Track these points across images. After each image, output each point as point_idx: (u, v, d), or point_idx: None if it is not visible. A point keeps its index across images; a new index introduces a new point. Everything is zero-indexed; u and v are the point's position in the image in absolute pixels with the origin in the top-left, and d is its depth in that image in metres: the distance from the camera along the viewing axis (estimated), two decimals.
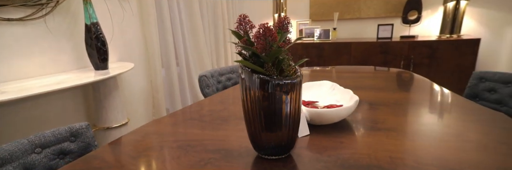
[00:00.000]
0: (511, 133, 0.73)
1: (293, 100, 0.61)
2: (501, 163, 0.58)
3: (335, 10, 2.74)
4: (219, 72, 1.66)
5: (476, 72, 1.30)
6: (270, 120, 0.63)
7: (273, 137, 0.65)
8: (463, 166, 0.57)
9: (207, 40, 2.54)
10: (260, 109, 0.63)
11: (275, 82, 0.58)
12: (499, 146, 0.66)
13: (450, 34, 2.35)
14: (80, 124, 0.83)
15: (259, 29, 0.53)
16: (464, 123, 0.81)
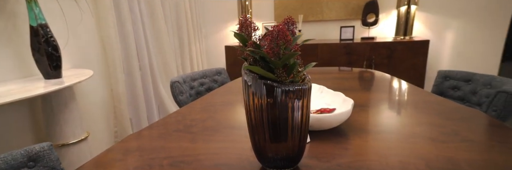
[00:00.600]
0: (501, 131, 0.78)
1: (303, 108, 0.57)
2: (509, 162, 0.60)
3: (299, 12, 2.78)
4: (191, 77, 1.56)
5: (441, 71, 1.40)
6: (279, 130, 0.58)
7: (281, 148, 0.60)
8: (475, 168, 0.58)
9: (171, 43, 2.41)
10: (267, 117, 0.58)
11: (286, 88, 0.53)
12: (498, 144, 0.69)
13: (404, 36, 2.52)
14: (41, 145, 0.69)
15: (272, 32, 0.48)
16: (453, 122, 0.84)
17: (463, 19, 2.58)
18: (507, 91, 1.04)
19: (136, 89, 1.99)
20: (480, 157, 0.62)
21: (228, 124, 0.90)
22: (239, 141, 0.76)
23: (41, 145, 0.69)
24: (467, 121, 0.84)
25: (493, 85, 1.21)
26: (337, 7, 2.70)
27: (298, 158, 0.62)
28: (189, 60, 2.68)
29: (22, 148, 0.66)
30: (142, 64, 2.07)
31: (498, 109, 1.05)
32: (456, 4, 2.54)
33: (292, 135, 0.59)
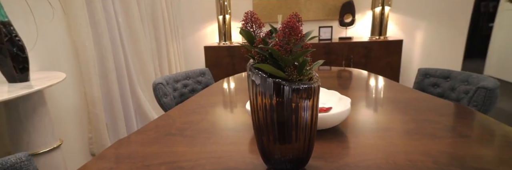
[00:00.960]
0: (492, 125, 0.81)
1: (312, 107, 0.55)
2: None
3: (277, 12, 2.79)
4: (174, 79, 1.50)
5: (421, 69, 1.45)
6: (287, 130, 0.56)
7: (289, 149, 0.58)
8: (481, 163, 0.59)
9: (148, 44, 2.31)
10: (275, 118, 0.55)
11: (295, 87, 0.51)
12: (494, 139, 0.71)
13: (379, 36, 2.60)
14: (17, 155, 0.62)
15: (284, 28, 0.46)
16: (446, 117, 0.86)
17: (431, 21, 2.72)
18: (486, 86, 1.10)
19: (112, 92, 1.88)
20: (482, 152, 0.63)
21: (224, 126, 0.86)
22: (240, 143, 0.73)
23: (17, 155, 0.61)
24: (458, 116, 0.87)
25: (470, 81, 1.27)
26: (315, 7, 2.73)
27: (306, 160, 0.60)
28: (167, 62, 2.58)
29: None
30: (118, 66, 1.96)
31: (478, 104, 1.11)
32: (424, 7, 2.67)
33: (301, 135, 0.57)
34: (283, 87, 0.51)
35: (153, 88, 1.33)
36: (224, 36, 2.73)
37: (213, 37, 2.99)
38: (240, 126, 0.85)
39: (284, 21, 0.47)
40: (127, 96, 2.03)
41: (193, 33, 2.99)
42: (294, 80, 0.51)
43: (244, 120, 0.89)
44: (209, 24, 2.93)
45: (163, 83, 1.36)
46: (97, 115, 1.77)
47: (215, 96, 1.24)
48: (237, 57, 2.63)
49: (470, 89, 1.25)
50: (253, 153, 0.68)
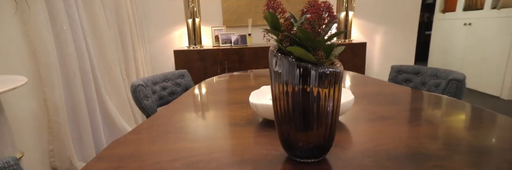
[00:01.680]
0: (473, 110, 0.88)
1: (335, 93, 0.55)
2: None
3: (247, 16, 2.81)
4: (152, 81, 1.42)
5: (395, 66, 1.55)
6: (311, 117, 0.56)
7: (313, 136, 0.57)
8: (481, 141, 0.64)
9: (114, 48, 2.17)
10: (300, 104, 0.55)
11: (323, 71, 0.51)
12: (481, 121, 0.77)
13: (344, 39, 2.75)
14: (4, 159, 0.53)
15: (317, 8, 0.46)
16: (432, 105, 0.92)
17: (388, 26, 2.95)
18: (457, 78, 1.20)
19: (76, 99, 1.72)
20: (480, 132, 0.69)
21: (224, 122, 0.83)
22: (247, 137, 0.71)
23: (4, 159, 0.53)
24: (442, 104, 0.94)
25: (439, 75, 1.39)
26: None
27: (328, 147, 0.60)
28: (134, 66, 2.45)
29: None
30: (83, 71, 1.80)
31: (451, 94, 1.21)
32: (381, 14, 2.90)
33: (324, 122, 0.57)
34: (311, 71, 0.51)
35: (132, 90, 1.25)
36: (194, 40, 2.67)
37: (182, 41, 2.91)
38: (240, 121, 0.82)
39: (314, 3, 0.47)
40: (93, 103, 1.87)
41: (159, 37, 2.88)
42: (321, 65, 0.51)
43: (243, 115, 0.87)
44: (177, 28, 2.85)
45: (144, 85, 1.28)
46: (59, 124, 1.61)
47: (203, 97, 1.19)
48: (208, 60, 2.59)
49: (440, 82, 1.36)
50: (269, 145, 0.66)
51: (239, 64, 2.60)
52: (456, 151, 0.59)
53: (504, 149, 0.59)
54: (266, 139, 0.69)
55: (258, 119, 0.83)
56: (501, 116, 0.78)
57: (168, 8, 2.79)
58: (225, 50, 2.57)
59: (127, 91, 2.33)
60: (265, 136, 0.71)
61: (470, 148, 0.60)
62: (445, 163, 0.54)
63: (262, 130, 0.75)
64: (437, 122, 0.76)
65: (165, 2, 2.77)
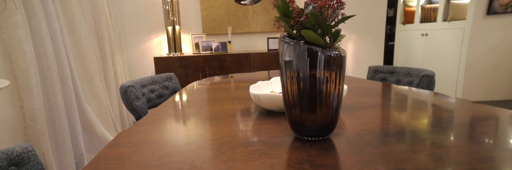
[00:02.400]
0: (445, 97, 0.98)
1: (341, 75, 0.61)
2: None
3: (226, 24, 2.88)
4: (140, 84, 1.42)
5: (372, 66, 1.67)
6: (319, 98, 0.61)
7: (320, 116, 0.62)
8: (466, 119, 0.72)
9: (93, 54, 2.12)
10: (308, 87, 0.60)
11: (329, 54, 0.57)
12: (455, 105, 0.87)
13: None
14: (22, 145, 0.53)
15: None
16: (413, 96, 1.02)
17: (358, 34, 3.16)
18: (429, 74, 1.33)
19: (55, 105, 1.65)
20: (458, 114, 0.78)
21: (225, 114, 0.86)
22: (255, 124, 0.74)
23: (22, 145, 0.52)
24: (419, 95, 1.04)
25: (412, 73, 1.52)
26: (262, 20, 2.92)
27: (333, 126, 0.65)
28: (112, 74, 2.39)
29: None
30: (62, 77, 1.74)
31: (424, 88, 1.33)
32: (353, 23, 3.11)
33: (331, 103, 0.62)
34: (319, 54, 0.57)
35: (123, 91, 1.24)
36: (174, 47, 2.68)
37: (160, 48, 2.90)
38: (240, 113, 0.86)
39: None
40: (72, 109, 1.80)
41: (137, 45, 2.85)
42: (329, 48, 0.57)
43: (243, 108, 0.91)
44: (156, 35, 2.85)
45: (134, 86, 1.28)
46: (38, 131, 1.53)
47: (195, 96, 1.21)
48: (190, 67, 2.60)
49: (413, 79, 1.49)
50: (271, 129, 0.70)
51: (220, 71, 2.63)
52: (439, 128, 0.67)
53: (467, 123, 0.68)
54: (270, 125, 0.73)
55: (257, 110, 0.87)
56: (466, 101, 0.89)
57: (148, 15, 2.79)
58: (206, 57, 2.60)
59: (107, 98, 2.26)
60: (269, 123, 0.75)
61: (449, 125, 0.68)
62: (433, 137, 0.61)
63: (264, 119, 0.79)
64: (420, 108, 0.85)
65: (143, 10, 2.77)
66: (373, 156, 0.53)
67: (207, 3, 2.83)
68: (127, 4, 2.74)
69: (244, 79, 1.60)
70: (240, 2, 2.85)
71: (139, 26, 2.80)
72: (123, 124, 2.53)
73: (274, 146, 0.60)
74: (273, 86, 1.06)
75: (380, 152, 0.54)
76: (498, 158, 0.50)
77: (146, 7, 2.76)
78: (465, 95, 3.08)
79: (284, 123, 0.75)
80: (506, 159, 0.50)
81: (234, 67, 2.64)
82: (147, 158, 0.54)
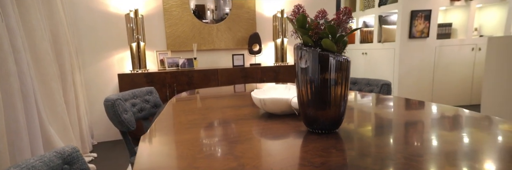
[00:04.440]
0: (401, 100, 1.18)
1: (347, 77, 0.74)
2: None
3: (191, 41, 2.93)
4: (123, 97, 1.39)
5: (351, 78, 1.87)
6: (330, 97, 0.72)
7: (329, 113, 0.73)
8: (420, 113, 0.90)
9: (55, 72, 1.99)
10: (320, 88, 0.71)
11: (338, 59, 0.70)
12: (416, 105, 1.06)
13: (282, 62, 3.10)
14: (70, 146, 0.53)
15: (342, 11, 0.66)
16: (386, 101, 1.19)
17: None
18: (387, 83, 1.56)
19: (17, 124, 1.50)
20: (418, 111, 0.96)
21: (234, 118, 0.92)
22: (266, 124, 0.82)
23: (70, 146, 0.53)
24: (384, 99, 1.23)
25: (371, 83, 1.75)
26: (226, 38, 3.04)
27: (340, 122, 0.76)
28: (72, 91, 2.25)
29: (52, 150, 0.49)
30: (25, 95, 1.60)
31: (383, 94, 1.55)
32: None
33: (339, 102, 0.74)
34: (330, 59, 0.69)
35: (110, 105, 1.21)
36: (139, 63, 2.63)
37: (122, 65, 2.81)
38: (244, 117, 0.93)
39: (341, 9, 0.66)
40: (35, 129, 1.64)
41: (96, 62, 2.73)
42: (338, 54, 0.70)
43: (245, 113, 0.98)
44: (120, 51, 2.77)
45: (121, 99, 1.26)
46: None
47: (188, 105, 1.24)
48: (157, 83, 2.56)
49: (373, 88, 1.72)
50: (283, 126, 0.79)
51: (188, 86, 2.64)
52: (418, 118, 0.83)
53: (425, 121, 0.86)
54: (280, 125, 0.82)
55: (259, 115, 0.95)
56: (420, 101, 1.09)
57: (106, 32, 2.71)
58: (173, 73, 2.59)
59: (68, 117, 2.10)
60: (277, 123, 0.84)
61: (423, 114, 0.85)
62: (417, 126, 0.76)
63: (271, 120, 0.87)
64: (391, 106, 1.02)
65: (102, 26, 2.70)
66: (380, 142, 0.65)
67: (171, 21, 2.87)
68: (85, 20, 2.64)
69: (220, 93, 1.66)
70: (202, 20, 2.96)
71: (98, 43, 2.71)
72: (83, 143, 2.34)
73: (296, 139, 0.68)
74: (266, 93, 1.15)
75: (382, 139, 0.67)
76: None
77: (107, 23, 2.70)
78: None
79: (290, 122, 0.84)
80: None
81: (202, 83, 2.67)
82: (195, 150, 0.58)
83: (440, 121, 0.81)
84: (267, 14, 3.17)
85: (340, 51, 0.69)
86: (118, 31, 2.73)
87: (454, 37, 3.66)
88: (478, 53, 3.55)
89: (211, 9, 3.05)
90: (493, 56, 2.87)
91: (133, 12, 2.53)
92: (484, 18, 3.72)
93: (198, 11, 2.96)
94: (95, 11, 2.64)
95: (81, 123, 2.36)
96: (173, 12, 2.86)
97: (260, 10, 3.14)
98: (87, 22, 2.64)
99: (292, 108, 0.91)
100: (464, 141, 0.64)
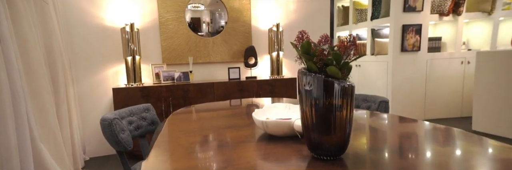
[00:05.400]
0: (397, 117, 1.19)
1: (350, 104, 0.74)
2: None
3: (187, 55, 2.94)
4: (119, 115, 1.37)
5: None
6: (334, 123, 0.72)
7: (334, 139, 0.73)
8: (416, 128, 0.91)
9: (47, 83, 1.95)
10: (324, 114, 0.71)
11: (343, 85, 0.70)
12: (410, 122, 1.07)
13: (277, 75, 3.12)
14: None
15: (348, 39, 0.67)
16: (378, 116, 1.20)
17: None
18: (385, 100, 1.58)
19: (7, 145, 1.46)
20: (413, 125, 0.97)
21: (236, 140, 0.91)
22: (269, 148, 0.82)
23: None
24: (383, 116, 1.24)
25: (368, 99, 1.77)
26: (222, 51, 3.06)
27: (345, 147, 0.76)
28: (66, 108, 2.20)
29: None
30: (16, 110, 1.56)
31: (382, 112, 1.56)
32: None
33: (343, 127, 0.74)
34: (335, 85, 0.70)
35: (107, 124, 1.19)
36: (134, 77, 2.61)
37: (116, 79, 2.78)
38: (246, 139, 0.92)
39: (346, 37, 0.68)
40: (26, 150, 1.59)
41: (90, 76, 2.70)
42: (343, 80, 0.70)
43: (246, 134, 0.97)
44: (114, 65, 2.75)
45: (119, 118, 1.24)
46: None
47: (187, 125, 1.23)
48: (152, 97, 2.53)
49: (370, 105, 1.73)
50: (287, 150, 0.78)
51: (184, 100, 2.62)
52: (429, 142, 0.83)
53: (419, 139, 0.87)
54: (283, 149, 0.81)
55: (260, 136, 0.95)
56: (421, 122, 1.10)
57: (101, 46, 2.70)
58: (168, 86, 2.58)
59: (60, 132, 2.05)
60: (280, 147, 0.83)
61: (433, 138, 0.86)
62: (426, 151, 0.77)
63: (274, 143, 0.87)
64: (396, 127, 1.03)
65: (97, 40, 2.68)
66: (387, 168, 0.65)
67: (167, 34, 2.88)
68: (80, 33, 2.63)
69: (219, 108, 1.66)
70: (197, 33, 2.97)
71: (93, 56, 2.68)
72: (75, 160, 2.27)
73: (300, 166, 0.68)
74: (266, 113, 1.15)
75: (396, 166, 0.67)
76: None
77: (102, 37, 2.68)
78: None
79: (293, 145, 0.83)
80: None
81: (198, 97, 2.66)
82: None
83: (451, 146, 0.81)
84: (262, 28, 3.21)
85: (344, 77, 0.70)
86: (113, 45, 2.72)
87: (444, 50, 3.76)
88: (467, 66, 3.64)
89: (206, 22, 3.08)
90: (482, 70, 2.95)
91: (128, 26, 2.53)
92: (471, 32, 3.85)
93: (193, 24, 2.98)
94: (90, 24, 2.63)
95: (74, 138, 2.31)
96: (169, 25, 2.87)
97: (255, 23, 3.18)
98: (82, 36, 2.63)
99: (295, 130, 0.91)
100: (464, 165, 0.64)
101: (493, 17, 3.53)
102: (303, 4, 3.32)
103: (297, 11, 3.32)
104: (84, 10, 2.60)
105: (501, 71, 2.76)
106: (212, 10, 3.04)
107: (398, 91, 3.55)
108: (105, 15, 2.67)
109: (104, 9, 2.66)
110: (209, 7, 3.02)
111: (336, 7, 4.69)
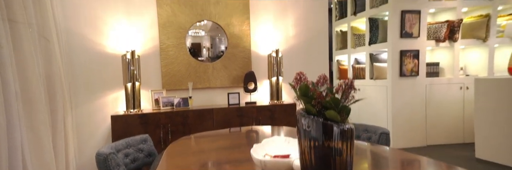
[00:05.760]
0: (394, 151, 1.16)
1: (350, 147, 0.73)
2: None
3: (186, 80, 2.95)
4: (115, 148, 1.34)
5: None
6: (334, 165, 0.71)
7: None
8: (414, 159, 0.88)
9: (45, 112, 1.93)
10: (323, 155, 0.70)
11: (342, 128, 0.69)
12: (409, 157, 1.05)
13: (277, 100, 3.11)
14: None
15: (346, 83, 0.67)
16: (381, 150, 1.18)
17: None
18: (386, 132, 1.56)
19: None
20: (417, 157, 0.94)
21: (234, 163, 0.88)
22: None
23: None
24: (386, 150, 1.21)
25: (369, 130, 1.74)
26: (222, 76, 3.08)
27: None
28: (63, 138, 2.15)
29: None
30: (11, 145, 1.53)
31: (382, 144, 1.53)
32: None
33: (345, 168, 0.72)
34: (334, 128, 0.69)
35: (102, 159, 1.16)
36: (133, 104, 2.60)
37: (115, 106, 2.77)
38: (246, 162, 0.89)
39: (344, 81, 0.68)
40: None
41: (89, 102, 2.69)
42: (342, 123, 0.70)
43: None
44: (114, 91, 2.75)
45: (115, 152, 1.21)
46: None
47: (184, 158, 1.20)
48: (151, 124, 2.50)
49: (371, 135, 1.70)
50: None
51: (183, 127, 2.58)
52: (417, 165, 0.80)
53: None
54: None
55: None
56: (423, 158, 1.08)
57: (101, 72, 2.72)
58: (167, 113, 2.56)
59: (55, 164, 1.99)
60: None
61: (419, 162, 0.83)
62: None
63: None
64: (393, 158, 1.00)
65: (97, 66, 2.71)
66: None
67: (167, 60, 2.92)
68: (81, 59, 2.66)
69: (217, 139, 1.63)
70: (197, 59, 3.01)
71: (92, 83, 2.69)
72: None
73: None
74: (265, 148, 1.12)
75: None
76: None
77: (102, 64, 2.71)
78: (394, 142, 3.49)
79: None
80: None
81: (197, 123, 2.63)
82: None
83: None
84: (262, 53, 3.27)
85: (343, 120, 0.69)
86: (113, 71, 2.74)
87: (443, 75, 3.78)
88: (466, 92, 3.64)
89: (207, 47, 3.14)
90: (482, 96, 2.94)
91: (129, 53, 2.57)
92: (468, 58, 3.90)
93: (194, 49, 3.03)
94: (91, 51, 2.67)
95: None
96: (169, 52, 2.92)
97: (255, 49, 3.24)
98: (82, 62, 2.66)
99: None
100: None
101: (489, 44, 3.60)
102: (302, 29, 3.41)
103: (297, 37, 3.39)
104: (86, 37, 2.66)
105: (501, 98, 2.75)
106: (213, 35, 3.12)
107: (399, 115, 3.52)
108: (107, 42, 2.72)
109: (106, 36, 2.72)
110: (210, 32, 3.09)
111: (334, 31, 4.81)
